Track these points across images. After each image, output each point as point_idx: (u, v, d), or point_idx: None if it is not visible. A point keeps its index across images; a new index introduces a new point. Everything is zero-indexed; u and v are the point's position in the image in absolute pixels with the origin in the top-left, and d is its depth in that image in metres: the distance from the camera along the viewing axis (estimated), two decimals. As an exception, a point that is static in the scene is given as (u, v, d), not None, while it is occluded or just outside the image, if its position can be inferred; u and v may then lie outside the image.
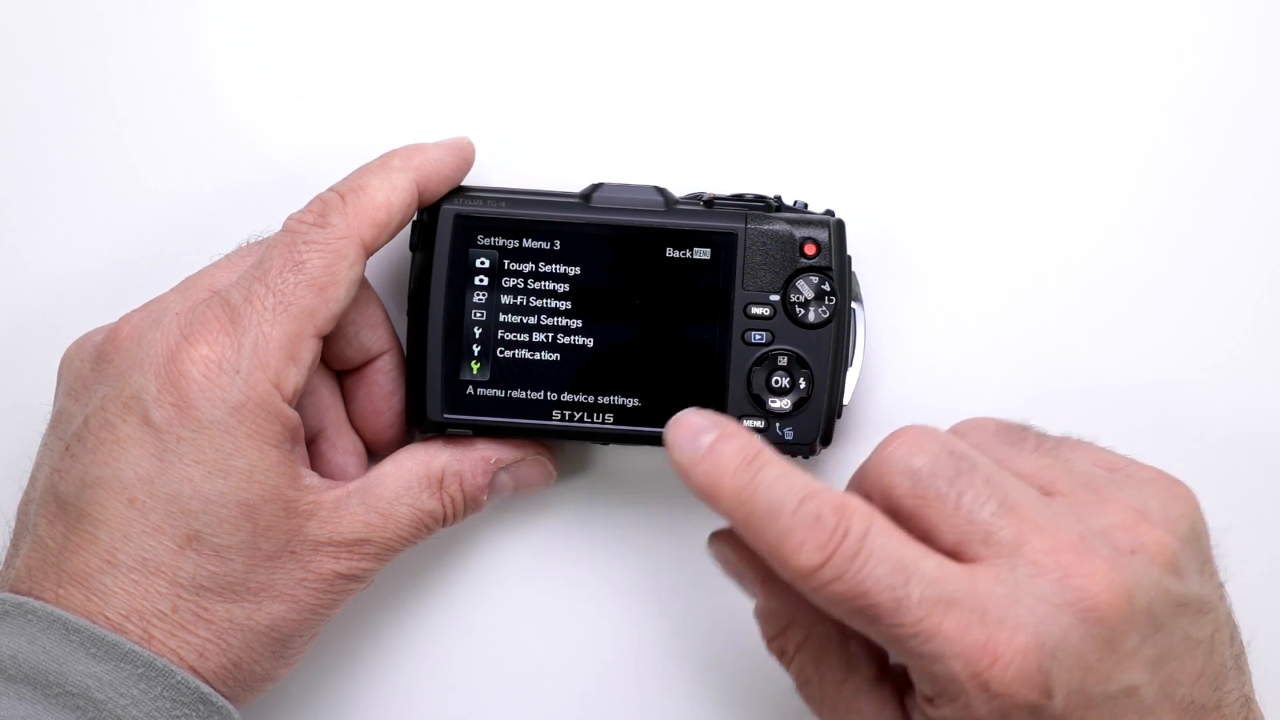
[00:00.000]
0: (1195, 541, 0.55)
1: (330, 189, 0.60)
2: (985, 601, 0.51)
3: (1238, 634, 0.56)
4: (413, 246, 0.62)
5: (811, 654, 0.57)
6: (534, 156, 0.66)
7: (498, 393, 0.62)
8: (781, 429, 0.61)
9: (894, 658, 0.53)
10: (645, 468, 0.66)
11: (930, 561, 0.51)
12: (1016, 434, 0.57)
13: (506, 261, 0.62)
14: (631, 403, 0.61)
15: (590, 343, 0.62)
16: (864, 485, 0.54)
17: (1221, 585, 0.55)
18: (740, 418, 0.61)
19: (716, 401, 0.61)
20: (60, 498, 0.57)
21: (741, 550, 0.57)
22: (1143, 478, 0.56)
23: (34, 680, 0.55)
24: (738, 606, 0.66)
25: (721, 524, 0.56)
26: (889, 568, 0.51)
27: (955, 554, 0.52)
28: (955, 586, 0.51)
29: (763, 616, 0.58)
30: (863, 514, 0.52)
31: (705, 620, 0.66)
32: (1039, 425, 0.57)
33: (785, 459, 0.53)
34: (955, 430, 0.57)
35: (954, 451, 0.53)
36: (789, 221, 0.62)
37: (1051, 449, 0.56)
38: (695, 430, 0.54)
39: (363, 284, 0.61)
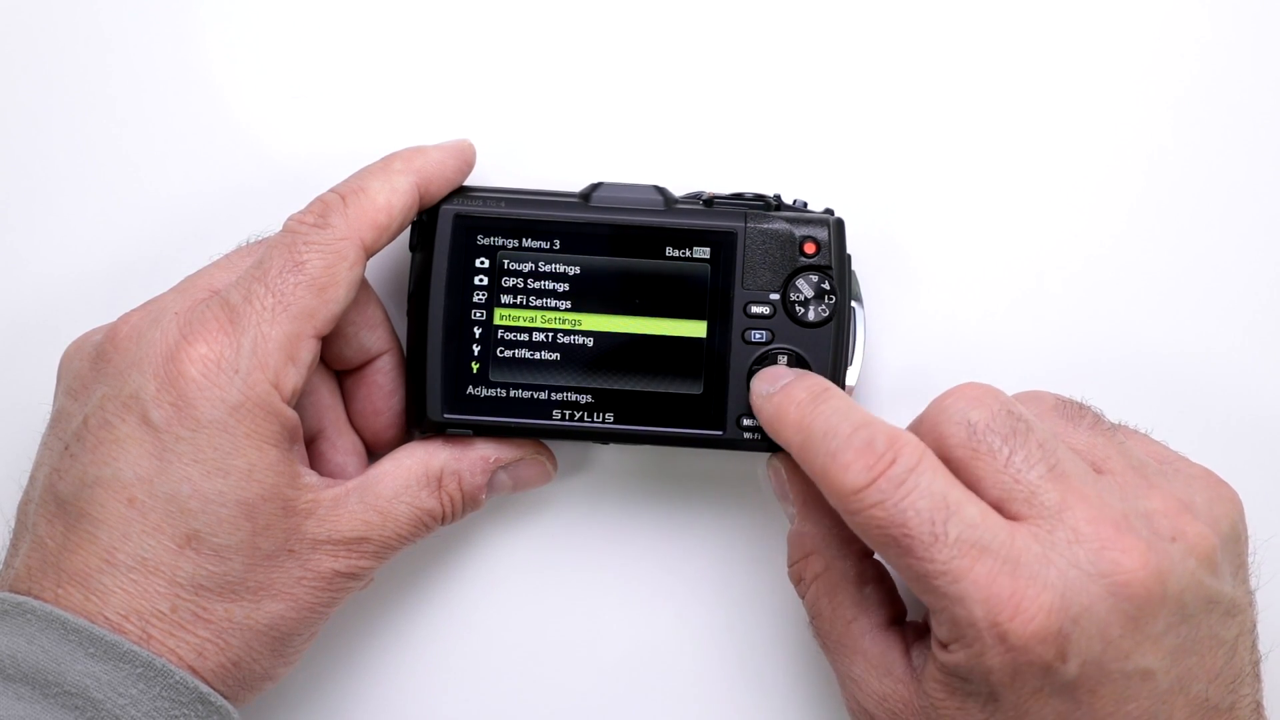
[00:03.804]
0: (1234, 543, 0.55)
1: (331, 190, 0.60)
2: (1019, 556, 0.52)
3: (1258, 641, 0.56)
4: (413, 247, 0.62)
5: (826, 587, 0.58)
6: (534, 156, 0.66)
7: (498, 392, 0.62)
8: (781, 428, 0.61)
9: (916, 596, 0.54)
10: (645, 467, 0.66)
11: (973, 507, 0.53)
12: (1074, 410, 0.58)
13: (506, 261, 0.62)
14: (631, 402, 0.61)
15: (590, 342, 0.62)
16: (918, 432, 0.55)
17: (1251, 591, 0.56)
18: (740, 417, 0.61)
19: (716, 401, 0.61)
20: (59, 497, 0.57)
21: (794, 470, 0.59)
22: (1191, 473, 0.56)
23: (33, 680, 0.55)
24: (737, 606, 0.66)
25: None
26: (932, 503, 0.52)
27: (997, 510, 0.53)
28: (992, 535, 0.52)
29: (793, 539, 0.59)
30: (915, 447, 0.53)
31: (704, 619, 0.66)
32: (1096, 407, 0.58)
33: (851, 399, 0.56)
34: (1015, 399, 0.58)
35: (1012, 412, 0.55)
36: (788, 220, 0.62)
37: (1107, 430, 0.57)
38: (775, 375, 0.59)
39: (362, 284, 0.61)
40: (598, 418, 0.61)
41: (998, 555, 0.52)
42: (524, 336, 0.61)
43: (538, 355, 0.62)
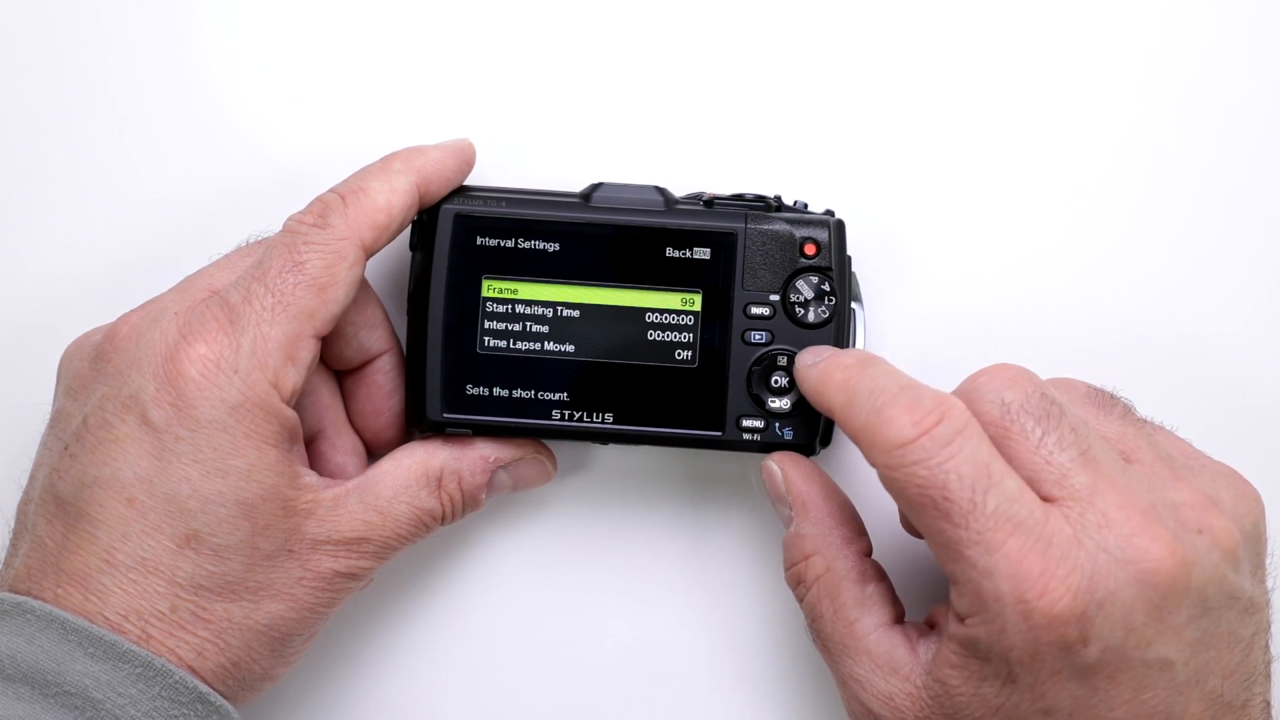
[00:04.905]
0: (1255, 542, 0.55)
1: (331, 190, 0.60)
2: (1052, 535, 0.52)
3: (1270, 642, 0.56)
4: (413, 246, 0.62)
5: (828, 588, 0.58)
6: (534, 156, 0.66)
7: (497, 392, 0.62)
8: (781, 429, 0.61)
9: (940, 563, 0.54)
10: (645, 467, 0.66)
11: (1013, 482, 0.53)
12: (1106, 400, 0.58)
13: (506, 261, 0.62)
14: (631, 402, 0.61)
15: (591, 340, 0.61)
16: None
17: (1269, 591, 0.56)
18: (740, 417, 0.61)
19: (716, 401, 0.61)
20: (59, 497, 0.57)
21: (792, 469, 0.59)
22: (1216, 471, 0.57)
23: (32, 680, 0.55)
24: (737, 606, 0.66)
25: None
26: (975, 470, 0.52)
27: None
28: (1029, 513, 0.52)
29: (791, 541, 0.59)
30: (962, 412, 0.53)
31: (704, 620, 0.66)
32: (1127, 399, 0.58)
33: (897, 367, 0.56)
34: (1047, 384, 0.58)
35: (1046, 394, 0.55)
36: (789, 221, 0.62)
37: (1136, 422, 0.57)
38: (820, 350, 0.60)
39: (362, 285, 0.61)
40: (597, 418, 0.61)
41: (1031, 533, 0.52)
42: (524, 336, 0.61)
43: (538, 355, 0.62)
